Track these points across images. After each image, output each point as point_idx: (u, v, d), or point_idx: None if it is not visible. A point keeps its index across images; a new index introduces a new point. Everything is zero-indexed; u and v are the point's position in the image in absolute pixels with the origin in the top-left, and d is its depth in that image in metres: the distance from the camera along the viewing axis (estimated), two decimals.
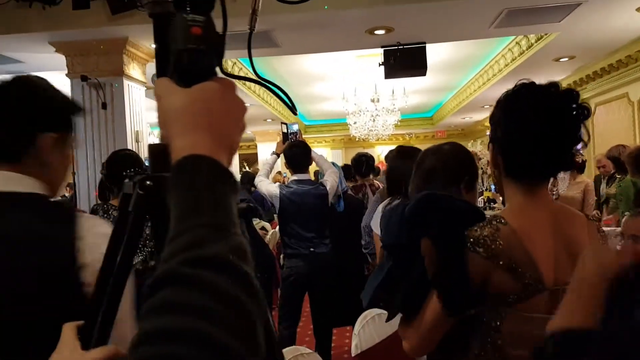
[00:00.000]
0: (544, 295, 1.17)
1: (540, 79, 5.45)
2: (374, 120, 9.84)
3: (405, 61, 5.47)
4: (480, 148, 8.09)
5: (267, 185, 3.71)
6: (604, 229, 1.51)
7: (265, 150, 14.22)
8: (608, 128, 7.77)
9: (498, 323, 1.17)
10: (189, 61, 0.59)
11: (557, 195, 4.50)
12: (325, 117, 14.50)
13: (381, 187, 4.74)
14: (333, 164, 4.00)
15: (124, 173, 0.97)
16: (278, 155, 3.90)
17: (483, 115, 12.90)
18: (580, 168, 5.11)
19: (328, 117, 14.22)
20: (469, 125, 15.41)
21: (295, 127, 4.00)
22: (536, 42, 6.29)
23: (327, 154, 17.44)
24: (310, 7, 4.30)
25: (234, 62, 6.97)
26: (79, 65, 4.88)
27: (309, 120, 15.19)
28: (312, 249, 3.59)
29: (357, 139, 13.16)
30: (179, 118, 0.57)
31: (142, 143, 5.17)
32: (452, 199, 1.30)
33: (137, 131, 5.09)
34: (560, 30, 5.46)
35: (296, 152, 3.72)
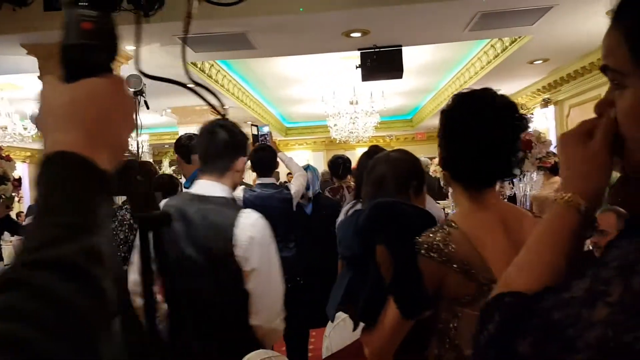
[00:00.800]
0: None
1: (515, 81, 5.64)
2: (353, 122, 9.88)
3: (382, 64, 5.51)
4: None
5: (238, 193, 3.73)
6: None
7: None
8: None
9: (455, 324, 1.19)
10: (75, 56, 0.57)
11: (506, 197, 4.55)
12: (305, 119, 14.52)
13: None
14: (309, 167, 4.00)
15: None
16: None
17: None
18: (552, 169, 5.18)
19: (309, 119, 14.24)
20: None
21: (265, 129, 3.98)
22: (510, 45, 6.38)
23: (309, 156, 17.45)
24: (286, 9, 4.31)
25: (211, 64, 6.94)
26: (51, 68, 4.80)
27: (290, 122, 15.19)
28: None
29: (337, 141, 13.21)
30: (55, 114, 0.56)
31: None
32: (403, 205, 1.33)
33: None
34: (533, 34, 5.55)
35: (262, 156, 3.72)
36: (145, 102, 5.23)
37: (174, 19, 4.31)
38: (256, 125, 3.96)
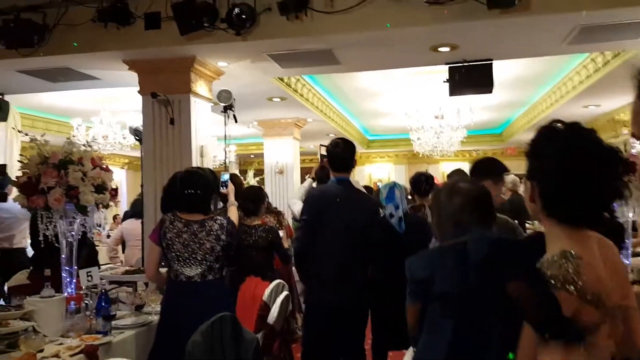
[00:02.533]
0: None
1: (617, 97, 5.25)
2: (438, 137, 9.65)
3: (470, 78, 5.33)
4: None
5: (299, 207, 3.94)
6: None
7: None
8: None
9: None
10: None
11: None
12: (388, 132, 14.38)
13: None
14: (395, 184, 3.92)
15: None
16: (314, 179, 4.04)
17: None
18: None
19: (391, 132, 14.10)
20: None
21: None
22: (613, 58, 5.95)
23: (390, 169, 17.28)
24: (372, 25, 4.29)
25: (297, 78, 7.08)
26: (149, 82, 5.10)
27: (372, 135, 15.12)
28: None
29: (420, 155, 12.95)
30: None
31: (206, 157, 5.32)
32: (521, 243, 1.31)
33: (202, 146, 5.25)
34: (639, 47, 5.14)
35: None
36: (234, 116, 5.41)
37: (265, 37, 4.44)
38: (325, 146, 3.95)
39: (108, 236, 8.90)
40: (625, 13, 4.12)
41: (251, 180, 7.27)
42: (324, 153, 3.96)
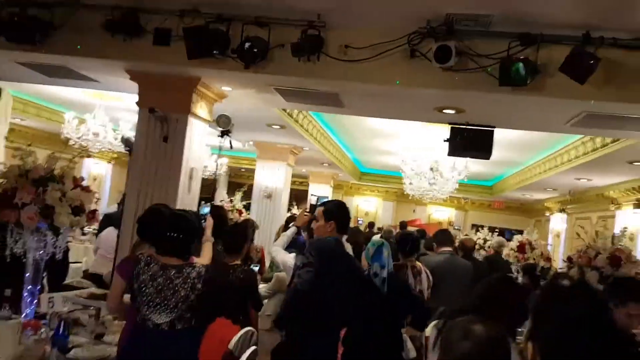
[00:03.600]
0: None
1: (608, 176, 5.27)
2: (430, 185, 9.65)
3: (471, 142, 5.28)
4: (535, 237, 7.71)
5: (282, 255, 3.73)
6: None
7: (316, 190, 14.21)
8: None
9: None
10: None
11: None
12: (381, 168, 14.38)
13: (423, 270, 4.53)
14: (384, 243, 3.80)
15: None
16: (298, 229, 3.92)
17: (545, 196, 12.43)
18: None
19: (384, 168, 14.10)
20: (529, 202, 14.87)
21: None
22: (612, 142, 5.98)
23: (378, 204, 17.25)
24: (383, 80, 4.25)
25: (304, 115, 7.04)
26: (149, 96, 5.00)
27: (365, 168, 15.11)
28: None
29: (410, 197, 12.95)
30: None
31: (195, 182, 5.21)
32: None
33: (192, 168, 5.14)
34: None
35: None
36: (230, 142, 5.33)
37: (274, 73, 4.39)
38: (317, 196, 3.91)
39: (83, 234, 8.72)
40: (630, 108, 4.13)
41: (238, 203, 7.16)
42: (315, 203, 3.90)
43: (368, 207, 17.41)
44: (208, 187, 11.59)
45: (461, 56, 3.93)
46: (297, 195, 16.01)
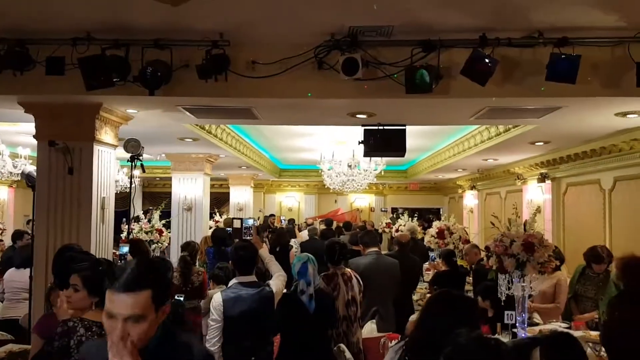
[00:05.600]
0: None
1: (512, 155, 5.72)
2: (348, 180, 9.82)
3: (384, 142, 5.42)
4: (453, 222, 8.08)
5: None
6: None
7: (237, 193, 14.00)
8: (579, 210, 7.88)
9: None
10: None
11: (504, 297, 4.39)
12: (300, 163, 14.43)
13: (353, 276, 4.59)
14: (309, 259, 3.81)
15: None
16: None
17: (456, 175, 13.05)
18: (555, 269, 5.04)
19: (303, 163, 14.15)
20: (442, 182, 15.56)
21: (250, 222, 3.90)
22: (513, 128, 6.36)
23: (300, 198, 17.31)
24: (294, 93, 4.24)
25: (223, 129, 6.87)
26: (48, 127, 4.67)
27: (284, 165, 15.09)
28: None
29: (331, 190, 13.11)
30: None
31: (108, 210, 4.95)
32: None
33: (104, 197, 4.88)
34: (538, 124, 5.53)
35: (242, 256, 3.70)
36: (142, 166, 5.10)
37: (179, 94, 4.24)
38: (240, 219, 3.87)
39: None
40: (526, 101, 4.41)
41: (157, 222, 6.87)
42: (239, 227, 3.85)
43: (291, 202, 17.45)
44: (122, 200, 11.13)
45: (368, 66, 4.00)
46: (219, 199, 15.71)
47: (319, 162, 10.16)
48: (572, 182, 8.04)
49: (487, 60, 3.80)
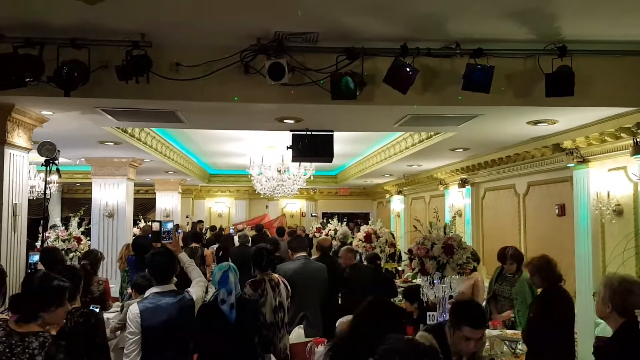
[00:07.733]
0: None
1: (435, 161, 5.96)
2: (279, 185, 9.81)
3: (313, 147, 5.46)
4: (380, 226, 8.27)
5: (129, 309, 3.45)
6: None
7: (163, 198, 13.62)
8: (496, 214, 8.30)
9: None
10: None
11: (427, 299, 4.56)
12: (230, 168, 14.24)
13: (281, 281, 4.56)
14: (230, 267, 3.73)
15: None
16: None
17: (384, 180, 13.37)
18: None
19: (233, 168, 13.99)
20: (370, 187, 15.89)
21: (169, 225, 3.76)
22: (435, 135, 6.61)
23: (231, 204, 17.09)
24: (220, 97, 4.20)
25: (147, 132, 6.65)
26: None
27: (213, 170, 14.84)
28: None
29: (262, 195, 13.04)
30: None
31: (20, 217, 4.66)
32: None
33: (15, 204, 4.59)
34: (457, 132, 5.78)
35: (159, 261, 3.49)
36: (58, 170, 4.85)
37: (98, 96, 4.08)
38: (159, 222, 3.73)
39: None
40: (445, 109, 4.60)
41: (75, 230, 6.54)
42: (158, 229, 3.73)
43: (220, 208, 17.18)
44: (38, 207, 10.47)
45: (294, 72, 4.02)
46: (144, 205, 15.20)
47: (248, 167, 10.08)
48: (490, 187, 8.47)
49: (408, 69, 3.93)
